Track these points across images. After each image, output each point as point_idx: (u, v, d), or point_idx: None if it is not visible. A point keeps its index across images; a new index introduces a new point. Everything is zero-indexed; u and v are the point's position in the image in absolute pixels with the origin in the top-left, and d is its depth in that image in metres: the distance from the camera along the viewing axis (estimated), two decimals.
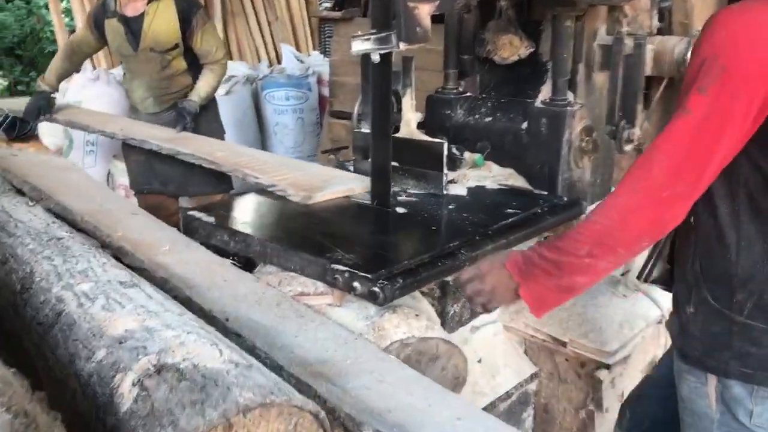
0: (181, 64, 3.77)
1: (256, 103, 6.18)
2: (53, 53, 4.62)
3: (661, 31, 2.63)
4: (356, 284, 1.77)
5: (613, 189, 3.04)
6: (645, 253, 3.10)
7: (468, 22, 2.81)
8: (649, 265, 2.96)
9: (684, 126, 1.33)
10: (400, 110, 2.63)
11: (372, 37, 2.12)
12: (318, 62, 6.63)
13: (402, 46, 2.06)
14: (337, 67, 4.93)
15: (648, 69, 2.55)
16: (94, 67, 6.09)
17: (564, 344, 2.25)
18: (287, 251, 1.97)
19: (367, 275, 1.77)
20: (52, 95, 3.93)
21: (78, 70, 4.28)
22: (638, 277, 2.81)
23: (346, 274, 1.80)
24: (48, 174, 2.53)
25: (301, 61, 6.88)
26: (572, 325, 2.27)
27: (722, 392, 1.47)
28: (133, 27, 3.63)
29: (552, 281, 1.51)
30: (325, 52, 5.67)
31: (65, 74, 4.06)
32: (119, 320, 1.14)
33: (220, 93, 5.73)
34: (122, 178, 5.29)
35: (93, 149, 5.54)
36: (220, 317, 1.60)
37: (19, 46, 10.60)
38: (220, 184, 3.81)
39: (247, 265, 2.12)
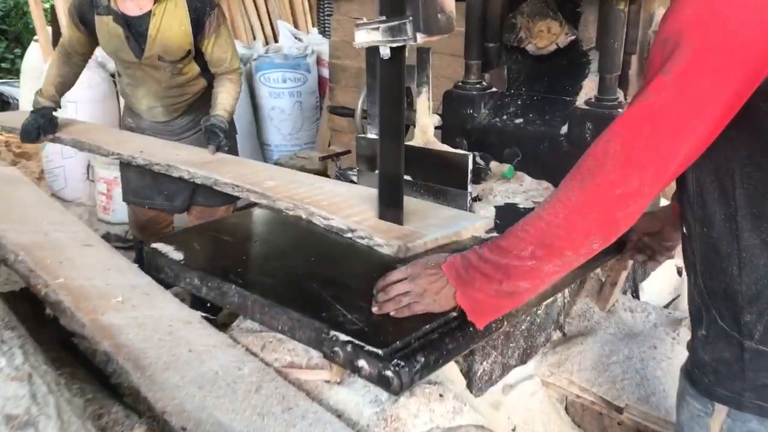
0: (193, 68, 3.09)
1: (250, 85, 5.70)
2: None
3: None
4: (362, 363, 1.33)
5: (660, 201, 2.62)
6: None
7: (494, 3, 2.33)
8: None
9: (643, 112, 1.14)
10: (410, 106, 2.17)
11: (381, 26, 1.66)
12: (317, 41, 6.14)
13: (419, 38, 1.61)
14: (337, 49, 4.44)
15: None
16: None
17: (620, 410, 1.82)
18: (273, 307, 1.53)
19: (376, 351, 1.32)
20: (54, 111, 3.18)
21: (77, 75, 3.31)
22: None
23: (349, 348, 1.35)
24: None
25: (299, 40, 6.38)
26: (629, 385, 1.84)
27: (731, 426, 1.25)
28: (135, 30, 2.89)
29: (492, 286, 1.32)
30: (324, 32, 5.16)
31: (67, 82, 3.22)
32: None
33: None
34: (103, 171, 4.85)
35: None
36: (175, 426, 1.16)
37: (2, 20, 10.07)
38: (230, 196, 3.28)
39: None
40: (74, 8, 3.00)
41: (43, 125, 3.09)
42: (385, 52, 1.69)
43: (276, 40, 6.59)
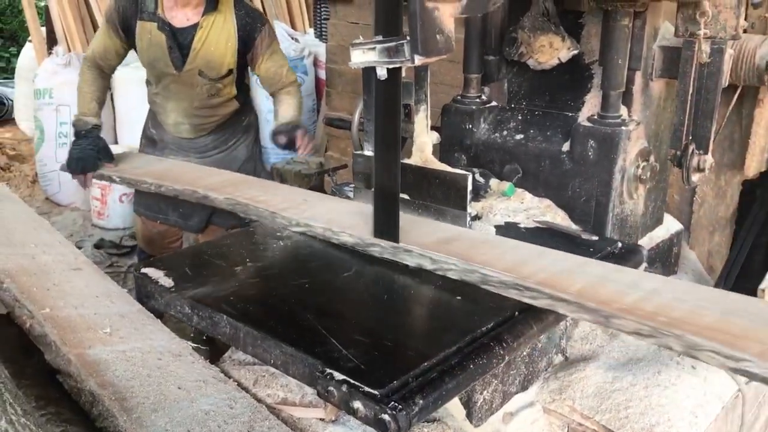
0: (232, 90, 2.98)
1: None
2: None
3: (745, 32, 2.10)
4: (357, 405, 1.28)
5: (665, 217, 2.57)
6: None
7: (495, 15, 2.27)
8: None
9: None
10: (407, 118, 2.12)
11: (377, 46, 1.60)
12: (315, 42, 6.05)
13: (418, 60, 1.56)
14: (334, 54, 4.37)
15: (724, 78, 2.03)
16: (69, 49, 5.53)
17: None
18: (266, 339, 1.47)
19: (373, 392, 1.27)
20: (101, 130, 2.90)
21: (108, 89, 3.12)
22: None
23: (344, 387, 1.30)
24: None
25: (296, 41, 6.30)
26: (633, 414, 1.78)
27: None
28: (180, 41, 2.78)
29: None
30: (321, 36, 5.09)
31: (103, 97, 2.97)
32: None
33: None
34: None
35: (66, 141, 5.01)
36: None
37: None
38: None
39: None
40: (116, 12, 2.83)
41: (103, 150, 2.76)
42: (381, 72, 1.63)
43: None
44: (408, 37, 1.55)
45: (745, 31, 2.02)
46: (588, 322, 1.74)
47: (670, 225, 2.51)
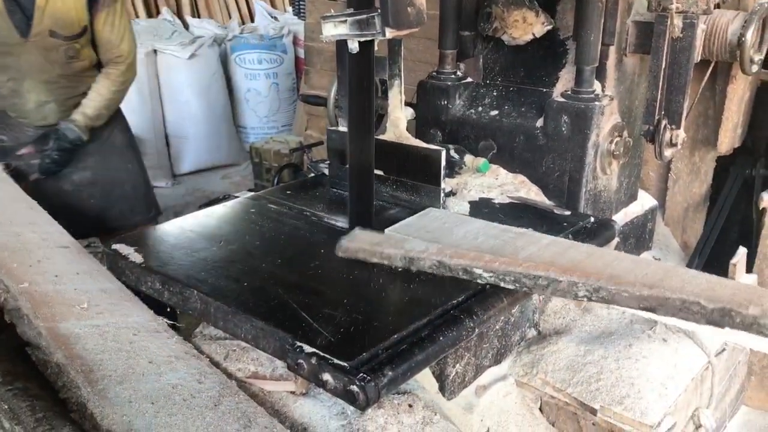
0: (91, 53, 2.65)
1: (225, 67, 5.59)
2: None
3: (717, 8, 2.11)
4: (327, 377, 1.28)
5: (640, 194, 2.58)
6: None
7: None
8: None
9: None
10: (384, 95, 2.11)
11: (348, 19, 1.59)
12: (294, 21, 6.03)
13: (388, 32, 1.56)
14: (312, 31, 4.33)
15: (697, 54, 2.03)
16: None
17: (594, 411, 1.79)
18: (237, 314, 1.47)
19: (342, 363, 1.28)
20: None
21: None
22: None
23: (313, 360, 1.30)
24: None
25: (276, 19, 6.27)
26: (603, 386, 1.80)
27: None
28: (20, 1, 2.44)
29: None
30: (299, 14, 5.05)
31: None
32: None
33: (183, 56, 5.14)
34: None
35: None
36: None
37: None
38: (149, 210, 2.96)
39: None
40: None
41: None
42: (353, 46, 1.63)
43: (252, 20, 6.47)
44: (379, 10, 1.54)
45: (718, 6, 2.03)
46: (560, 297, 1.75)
47: (645, 201, 2.53)
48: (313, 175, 2.34)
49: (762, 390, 2.60)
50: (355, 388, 1.24)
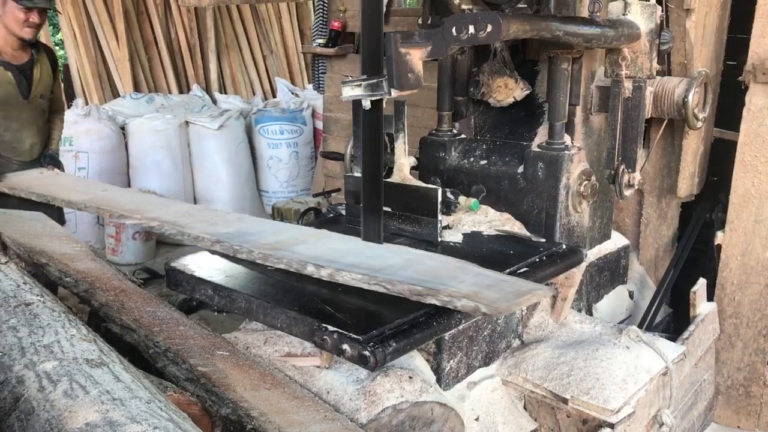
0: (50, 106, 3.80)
1: (249, 136, 6.12)
2: None
3: (660, 74, 2.57)
4: (345, 347, 1.68)
5: (614, 234, 2.99)
6: (646, 300, 3.02)
7: (462, 63, 2.74)
8: (651, 312, 2.87)
9: None
10: (392, 151, 2.56)
11: (363, 83, 2.04)
12: (313, 96, 6.58)
13: (394, 93, 1.99)
14: (330, 103, 4.87)
15: (647, 111, 2.48)
16: (87, 102, 6.04)
17: (565, 401, 2.15)
18: (273, 308, 1.88)
19: (357, 337, 1.67)
20: None
21: None
22: (639, 326, 2.71)
23: (335, 336, 1.70)
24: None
25: (296, 95, 6.84)
26: (573, 380, 2.17)
27: None
28: (25, 75, 3.51)
29: None
30: (318, 88, 5.61)
31: None
32: (80, 411, 1.04)
33: (213, 127, 5.68)
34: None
35: None
36: None
37: None
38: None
39: None
40: None
41: None
42: (366, 104, 2.07)
43: (274, 96, 7.06)
44: (386, 76, 2.00)
45: (662, 73, 2.49)
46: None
47: (618, 240, 2.93)
48: (332, 215, 2.77)
49: (728, 408, 2.93)
50: (367, 353, 1.63)
